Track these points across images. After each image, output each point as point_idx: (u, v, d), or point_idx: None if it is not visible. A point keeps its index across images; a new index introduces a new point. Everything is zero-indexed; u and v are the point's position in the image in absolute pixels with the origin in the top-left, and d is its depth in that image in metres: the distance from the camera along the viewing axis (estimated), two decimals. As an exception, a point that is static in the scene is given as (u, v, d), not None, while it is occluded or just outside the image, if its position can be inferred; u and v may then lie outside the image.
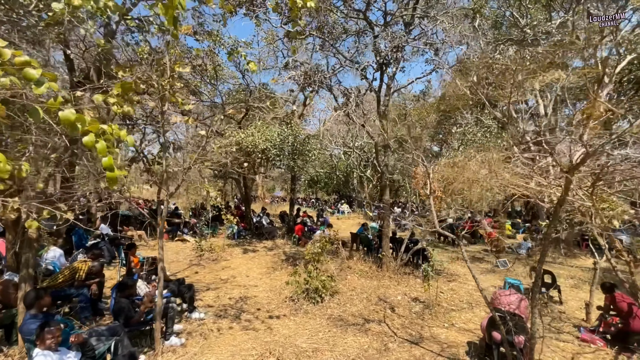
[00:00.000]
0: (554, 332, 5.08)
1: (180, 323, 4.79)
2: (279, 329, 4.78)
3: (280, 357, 3.91)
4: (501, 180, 3.75)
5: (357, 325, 5.00)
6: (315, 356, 4.01)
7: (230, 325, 4.84)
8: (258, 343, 4.29)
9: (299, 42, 9.90)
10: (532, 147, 4.81)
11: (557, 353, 4.40)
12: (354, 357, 4.04)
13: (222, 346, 4.19)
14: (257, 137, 10.19)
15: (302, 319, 5.18)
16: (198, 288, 6.54)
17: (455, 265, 9.64)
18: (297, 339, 4.44)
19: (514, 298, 4.03)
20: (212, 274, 7.65)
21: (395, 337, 4.65)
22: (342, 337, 4.56)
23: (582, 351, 4.47)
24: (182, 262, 8.73)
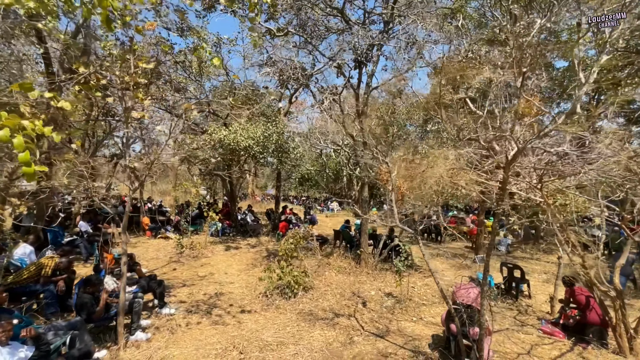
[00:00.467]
0: (518, 325, 5.23)
1: (150, 318, 4.82)
2: (248, 323, 4.83)
3: (243, 350, 3.97)
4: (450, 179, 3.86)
5: (326, 319, 5.08)
6: (279, 349, 4.08)
7: (199, 320, 4.88)
8: (224, 337, 4.34)
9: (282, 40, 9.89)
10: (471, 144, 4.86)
11: (517, 345, 4.54)
12: (317, 350, 4.12)
13: (187, 340, 4.23)
14: (240, 135, 10.19)
15: (272, 314, 5.25)
16: (174, 284, 6.57)
17: (434, 261, 9.80)
18: (264, 333, 4.50)
19: (471, 291, 4.14)
20: (190, 271, 7.66)
21: (362, 331, 4.75)
22: (309, 331, 4.64)
23: (541, 342, 4.61)
24: (162, 259, 8.72)
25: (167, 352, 3.91)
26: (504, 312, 5.82)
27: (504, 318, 5.54)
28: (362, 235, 8.51)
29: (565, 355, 4.24)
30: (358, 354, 4.12)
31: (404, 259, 6.15)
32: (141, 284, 5.03)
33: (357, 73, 8.10)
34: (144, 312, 5.00)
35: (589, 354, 4.27)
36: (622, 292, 4.27)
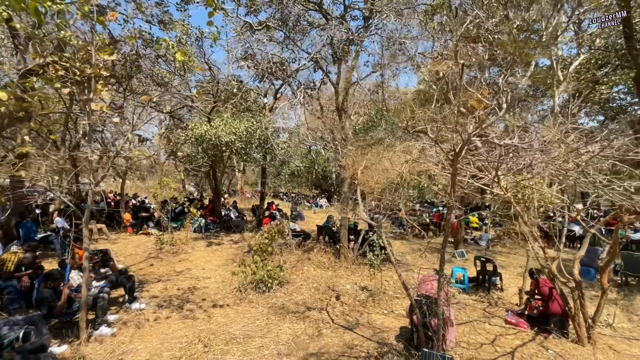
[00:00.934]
0: (486, 317, 5.34)
1: (119, 313, 4.78)
2: (217, 317, 4.83)
3: (208, 344, 3.97)
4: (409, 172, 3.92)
5: (298, 313, 5.11)
6: (245, 342, 4.09)
7: (169, 315, 4.86)
8: (192, 331, 4.34)
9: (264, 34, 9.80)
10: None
11: (482, 335, 4.64)
12: (283, 343, 4.15)
13: (154, 335, 4.21)
14: (221, 130, 10.11)
15: (244, 308, 5.25)
16: (149, 280, 6.52)
17: (415, 255, 9.91)
18: (232, 327, 4.51)
19: (434, 284, 4.21)
20: (168, 267, 7.61)
21: (331, 324, 4.79)
22: (278, 325, 4.66)
23: (505, 333, 4.72)
24: (141, 255, 8.63)
25: (131, 347, 3.88)
26: (474, 304, 5.94)
27: (474, 310, 5.65)
28: (342, 230, 8.56)
29: (527, 345, 4.35)
30: (324, 346, 4.16)
31: (377, 254, 6.21)
32: (110, 279, 4.98)
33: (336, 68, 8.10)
34: (113, 307, 4.97)
35: (549, 343, 4.39)
36: (580, 283, 4.40)
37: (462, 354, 3.99)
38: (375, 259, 6.11)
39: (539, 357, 4.06)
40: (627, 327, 5.10)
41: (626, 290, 6.77)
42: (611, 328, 5.03)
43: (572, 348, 4.25)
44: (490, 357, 4.02)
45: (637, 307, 5.94)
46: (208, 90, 13.16)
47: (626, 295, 6.55)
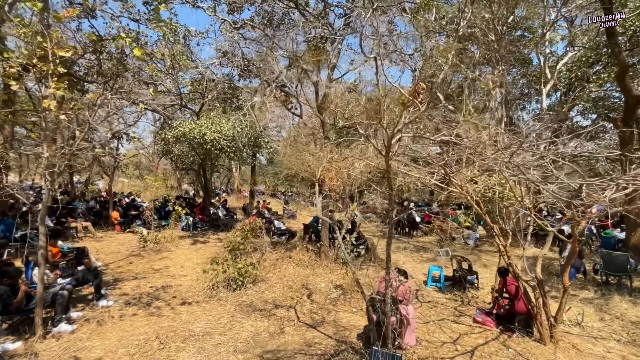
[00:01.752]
0: (456, 315, 5.31)
1: (85, 310, 4.79)
2: (183, 315, 4.83)
3: (164, 341, 3.97)
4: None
5: (264, 310, 5.11)
6: (203, 340, 4.09)
7: (135, 312, 4.86)
8: (153, 328, 4.34)
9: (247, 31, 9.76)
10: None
11: (447, 334, 4.61)
12: (242, 340, 4.14)
13: (114, 332, 4.21)
14: (206, 128, 10.11)
15: (212, 305, 5.26)
16: (124, 277, 6.53)
17: (398, 254, 9.88)
18: (194, 324, 4.50)
19: (393, 282, 4.18)
20: (147, 265, 7.62)
21: (295, 322, 4.78)
22: (241, 322, 4.65)
23: (470, 332, 4.69)
24: (123, 253, 8.65)
25: (88, 344, 3.89)
26: (447, 302, 5.91)
27: (446, 309, 5.63)
28: (322, 229, 8.55)
29: (489, 344, 4.33)
30: (283, 343, 4.15)
31: (349, 251, 6.19)
32: (76, 276, 5.00)
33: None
34: (80, 305, 4.99)
35: (511, 342, 4.36)
36: (542, 281, 4.36)
37: (420, 352, 3.97)
38: (345, 256, 6.09)
39: (498, 355, 4.04)
40: (597, 327, 5.06)
41: (604, 289, 6.71)
42: (580, 327, 4.99)
43: (533, 347, 4.22)
44: (449, 355, 4.00)
45: (612, 307, 5.90)
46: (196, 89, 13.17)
47: (604, 294, 6.49)
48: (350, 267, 3.80)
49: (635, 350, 4.34)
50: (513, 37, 12.67)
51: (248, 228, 6.32)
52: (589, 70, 12.65)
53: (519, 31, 14.63)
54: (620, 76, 7.69)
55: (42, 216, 3.96)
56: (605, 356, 4.17)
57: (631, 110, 7.84)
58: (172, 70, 13.01)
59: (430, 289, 6.67)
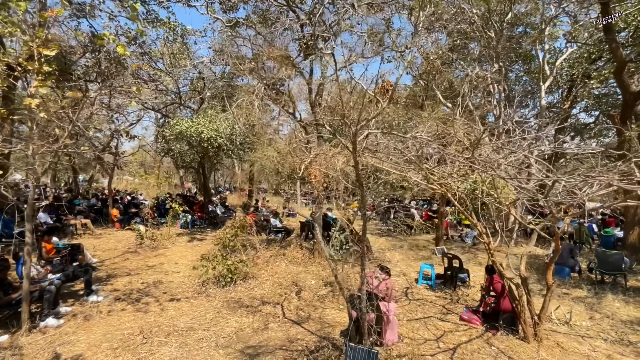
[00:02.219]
0: (443, 313, 5.30)
1: (74, 305, 4.88)
2: (170, 311, 4.90)
3: (147, 336, 4.03)
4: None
5: (251, 307, 5.15)
6: (186, 335, 4.14)
7: (124, 307, 4.94)
8: (138, 324, 4.40)
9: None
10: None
11: (432, 331, 4.61)
12: (225, 336, 4.18)
13: (100, 327, 4.28)
14: (202, 126, 10.17)
15: (200, 301, 5.31)
16: (118, 274, 6.62)
17: (394, 252, 9.86)
18: (179, 320, 4.56)
19: (374, 280, 4.20)
20: (142, 261, 7.72)
21: (281, 318, 4.81)
22: (227, 318, 4.70)
23: (455, 329, 4.68)
24: (120, 250, 8.77)
25: (73, 338, 3.96)
26: (436, 300, 5.90)
27: (434, 306, 5.62)
28: (316, 227, 8.55)
29: (473, 341, 4.31)
30: (266, 339, 4.19)
31: (339, 248, 6.20)
32: (66, 272, 5.08)
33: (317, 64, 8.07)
34: (71, 300, 5.08)
35: (495, 340, 4.34)
36: (525, 279, 4.33)
37: (401, 349, 3.97)
38: (335, 253, 6.11)
39: (480, 353, 4.03)
40: (585, 326, 5.01)
41: (598, 288, 6.64)
42: (568, 326, 4.95)
43: (516, 345, 4.20)
44: (430, 353, 4.00)
45: (604, 306, 5.83)
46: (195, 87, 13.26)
47: (597, 293, 6.42)
48: (330, 263, 3.81)
49: (621, 349, 4.30)
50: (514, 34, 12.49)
51: (237, 225, 6.36)
52: (591, 66, 12.44)
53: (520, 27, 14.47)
54: (617, 72, 7.56)
55: (27, 214, 4.03)
56: (590, 355, 4.13)
57: (629, 106, 7.71)
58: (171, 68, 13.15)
59: (421, 286, 6.65)
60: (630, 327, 4.95)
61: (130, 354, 3.64)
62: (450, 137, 3.24)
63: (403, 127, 7.86)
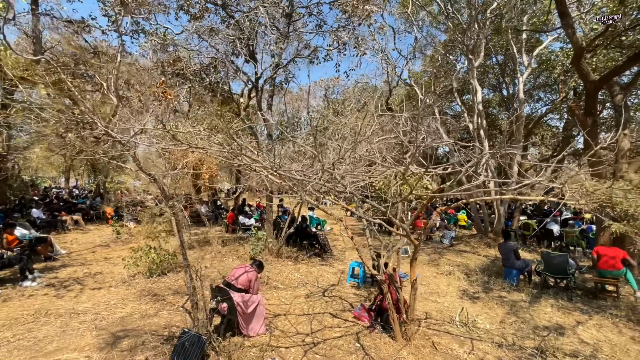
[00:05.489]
0: (343, 310, 5.26)
1: (7, 289, 5.52)
2: (83, 297, 5.36)
3: (38, 316, 4.50)
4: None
5: (159, 296, 5.47)
6: (76, 317, 4.55)
7: (47, 292, 5.49)
8: (44, 306, 4.89)
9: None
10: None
11: (315, 326, 4.63)
12: (110, 320, 4.53)
13: (10, 308, 4.82)
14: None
15: (119, 290, 5.75)
16: (72, 264, 7.30)
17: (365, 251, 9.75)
18: (82, 305, 5.00)
19: (237, 271, 4.33)
20: (104, 254, 8.39)
21: (176, 307, 5.08)
22: (127, 305, 5.06)
23: (338, 325, 4.66)
24: (94, 244, 9.58)
25: (-20, 316, 4.53)
26: (351, 297, 5.86)
27: (342, 303, 5.59)
28: (266, 224, 8.77)
29: (344, 337, 4.30)
30: (146, 324, 4.47)
31: (256, 244, 6.37)
32: (3, 260, 5.75)
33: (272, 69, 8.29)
34: (9, 284, 5.74)
35: (368, 337, 4.28)
36: (391, 276, 4.24)
37: (260, 339, 4.07)
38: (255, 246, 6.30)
39: (341, 349, 4.01)
40: (487, 329, 4.75)
41: (538, 292, 6.20)
42: (466, 327, 4.73)
43: (384, 343, 4.13)
44: (291, 345, 4.06)
45: (532, 310, 5.46)
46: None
47: (535, 297, 6.01)
48: (184, 255, 4.02)
49: (504, 354, 4.05)
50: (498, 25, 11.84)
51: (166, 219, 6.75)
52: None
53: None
54: (575, 59, 6.99)
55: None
56: (462, 357, 3.95)
57: (591, 97, 7.10)
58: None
59: (349, 284, 6.62)
60: (536, 333, 4.63)
61: (10, 331, 4.11)
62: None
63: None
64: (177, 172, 4.77)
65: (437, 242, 11.73)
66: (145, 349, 3.78)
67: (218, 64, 8.09)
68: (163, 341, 3.97)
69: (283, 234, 8.70)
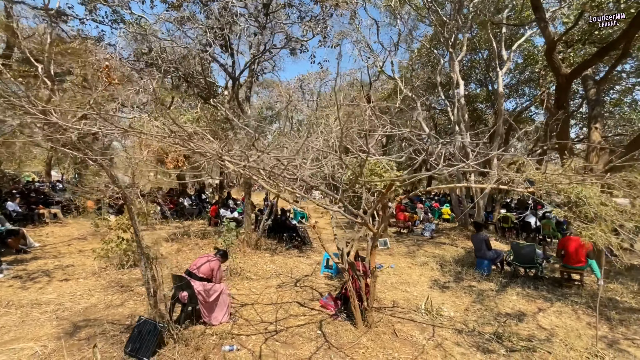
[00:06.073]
0: (311, 299, 5.31)
1: (-27, 281, 5.43)
2: (49, 288, 5.30)
3: (9, 307, 4.45)
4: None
5: (127, 287, 5.44)
6: (38, 308, 4.50)
7: (11, 284, 5.41)
8: (6, 298, 4.83)
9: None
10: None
11: (281, 314, 4.66)
12: (73, 310, 4.50)
13: (-28, 298, 4.76)
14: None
15: (87, 281, 5.70)
16: (44, 256, 7.19)
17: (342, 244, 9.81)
18: (47, 296, 4.95)
19: (199, 261, 4.33)
20: (78, 247, 8.29)
21: (143, 297, 5.06)
22: (93, 295, 5.03)
23: (303, 314, 4.70)
24: (71, 237, 9.45)
25: (-61, 306, 4.45)
26: (322, 287, 5.91)
27: (312, 293, 5.64)
28: (245, 217, 8.77)
29: (307, 325, 4.34)
30: (110, 314, 4.45)
31: (228, 235, 6.37)
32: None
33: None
34: (-26, 276, 5.64)
35: (331, 324, 4.33)
36: (352, 264, 4.29)
37: (222, 328, 4.09)
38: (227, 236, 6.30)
39: (302, 336, 4.05)
40: (451, 316, 4.85)
41: (507, 281, 6.34)
42: (430, 315, 4.82)
43: (345, 330, 4.18)
44: (253, 333, 4.08)
45: (497, 299, 5.57)
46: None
47: (504, 286, 6.14)
48: (138, 238, 4.00)
49: (463, 339, 4.15)
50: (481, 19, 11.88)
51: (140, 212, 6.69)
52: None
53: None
54: (548, 52, 7.07)
55: None
56: (420, 342, 4.02)
57: (563, 90, 7.20)
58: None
59: (322, 275, 6.67)
60: (497, 319, 4.74)
61: (-33, 321, 4.05)
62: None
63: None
64: (139, 160, 4.72)
65: (418, 235, 11.86)
66: (104, 338, 3.76)
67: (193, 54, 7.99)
68: (123, 330, 3.96)
69: (261, 226, 8.71)
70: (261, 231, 8.41)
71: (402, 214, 12.27)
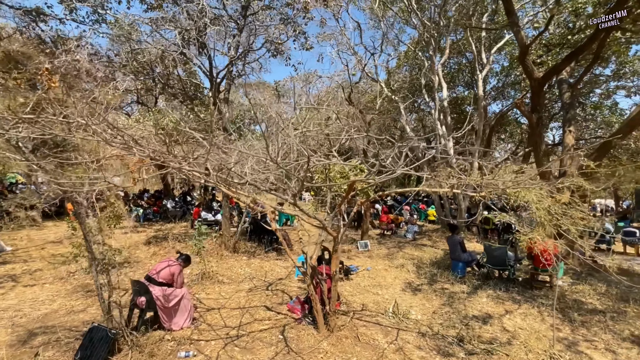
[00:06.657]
0: (279, 303, 5.27)
1: None
2: (11, 294, 5.19)
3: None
4: None
5: (92, 292, 5.35)
6: (3, 313, 4.41)
7: (-25, 289, 5.30)
8: (-33, 303, 4.72)
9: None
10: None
11: (245, 319, 4.62)
12: (32, 316, 4.41)
13: None
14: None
15: (53, 286, 5.59)
16: (14, 260, 7.04)
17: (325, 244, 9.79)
18: (5, 302, 4.84)
19: (159, 266, 4.28)
20: (52, 251, 8.12)
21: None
22: (54, 301, 4.94)
23: (269, 318, 4.67)
24: (47, 240, 9.28)
25: None
26: (294, 291, 5.87)
27: (283, 297, 5.60)
28: (223, 220, 8.70)
29: (270, 330, 4.30)
30: (70, 320, 4.37)
31: (199, 239, 6.31)
32: None
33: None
34: None
35: (294, 328, 4.30)
36: (314, 268, 4.26)
37: (182, 333, 4.04)
38: (196, 246, 6.24)
39: (263, 341, 4.01)
40: (418, 319, 4.85)
41: (477, 283, 6.38)
42: (397, 318, 4.81)
43: (307, 334, 4.15)
44: (215, 338, 4.04)
45: (468, 301, 5.59)
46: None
47: (476, 288, 6.18)
48: (88, 240, 3.93)
49: (424, 343, 4.15)
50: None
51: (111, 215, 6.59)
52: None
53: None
54: (521, 57, 7.16)
55: None
56: (380, 346, 4.01)
57: (536, 93, 7.29)
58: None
59: (297, 278, 6.63)
60: (463, 322, 4.75)
61: None
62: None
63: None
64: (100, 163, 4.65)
65: (400, 237, 11.89)
66: (57, 345, 3.69)
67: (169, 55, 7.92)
68: (79, 337, 3.88)
69: (239, 229, 8.66)
70: (239, 234, 8.35)
71: (386, 216, 12.30)
